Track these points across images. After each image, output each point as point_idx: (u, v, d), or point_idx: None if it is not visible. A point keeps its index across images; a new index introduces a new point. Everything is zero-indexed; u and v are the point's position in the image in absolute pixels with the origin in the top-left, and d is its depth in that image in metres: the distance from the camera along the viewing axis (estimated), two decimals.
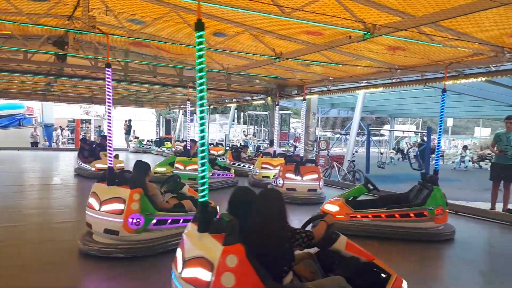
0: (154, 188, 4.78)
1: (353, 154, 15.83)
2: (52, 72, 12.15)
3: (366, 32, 5.45)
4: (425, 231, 5.50)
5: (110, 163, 4.64)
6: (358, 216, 5.61)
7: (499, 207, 7.54)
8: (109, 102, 4.64)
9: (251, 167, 11.39)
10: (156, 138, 23.66)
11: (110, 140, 4.74)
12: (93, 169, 10.30)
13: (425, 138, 16.97)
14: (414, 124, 37.19)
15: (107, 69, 4.63)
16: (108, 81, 4.60)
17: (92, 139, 25.72)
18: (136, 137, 24.16)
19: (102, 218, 4.39)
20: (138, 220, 4.35)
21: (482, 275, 4.47)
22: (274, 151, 10.86)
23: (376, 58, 8.01)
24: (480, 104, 18.49)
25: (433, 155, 22.04)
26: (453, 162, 21.26)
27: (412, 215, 5.48)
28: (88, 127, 33.45)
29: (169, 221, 4.58)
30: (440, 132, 6.32)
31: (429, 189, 5.65)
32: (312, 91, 12.60)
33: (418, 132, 29.95)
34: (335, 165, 13.86)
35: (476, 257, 5.12)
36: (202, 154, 2.70)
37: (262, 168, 10.13)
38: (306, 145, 13.16)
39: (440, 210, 5.48)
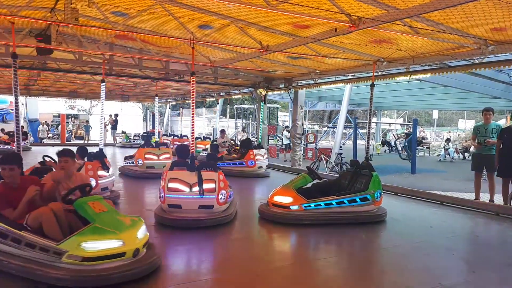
0: None
1: (341, 146, 15.95)
2: (35, 66, 11.92)
3: (351, 25, 5.46)
4: (368, 214, 5.95)
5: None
6: (312, 205, 5.76)
7: (486, 197, 7.70)
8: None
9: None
10: (143, 133, 23.45)
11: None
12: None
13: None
14: (400, 116, 37.57)
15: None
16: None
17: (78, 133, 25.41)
18: (123, 132, 23.93)
19: None
20: None
21: (466, 263, 4.56)
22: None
23: (362, 51, 8.04)
24: (464, 96, 18.76)
25: (420, 146, 22.42)
26: (438, 154, 21.53)
27: (358, 199, 5.89)
28: (74, 122, 33.04)
29: None
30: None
31: (368, 175, 6.11)
32: (299, 84, 12.63)
33: (404, 124, 30.32)
34: (322, 157, 13.98)
35: (460, 246, 5.23)
36: None
37: (146, 158, 10.07)
38: (293, 138, 13.22)
39: (379, 194, 6.03)
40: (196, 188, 5.37)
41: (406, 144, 17.52)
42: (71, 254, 3.37)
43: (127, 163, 10.63)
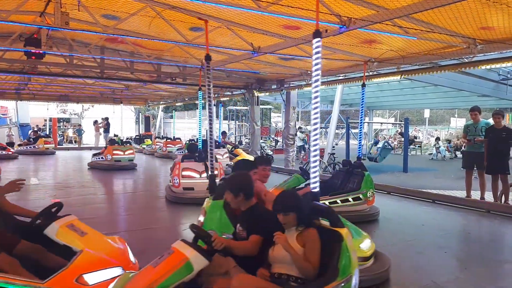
0: None
1: (333, 146, 15.95)
2: (26, 70, 11.82)
3: (341, 26, 5.50)
4: (361, 213, 6.01)
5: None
6: None
7: (477, 194, 7.78)
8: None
9: None
10: (136, 136, 23.35)
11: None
12: None
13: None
14: (392, 116, 37.80)
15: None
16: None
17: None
18: (116, 135, 23.78)
19: None
20: None
21: (458, 260, 4.60)
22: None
23: (353, 51, 8.09)
24: (455, 95, 18.90)
25: (412, 145, 22.54)
26: (430, 154, 21.65)
27: (350, 199, 5.96)
28: (66, 126, 32.76)
29: None
30: None
31: (360, 175, 6.18)
32: (291, 85, 12.67)
33: (396, 123, 30.50)
34: None
35: (452, 243, 5.28)
36: None
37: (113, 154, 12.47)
38: (286, 139, 13.24)
39: (371, 193, 6.11)
40: (204, 175, 7.21)
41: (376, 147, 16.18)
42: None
43: (96, 158, 12.75)
